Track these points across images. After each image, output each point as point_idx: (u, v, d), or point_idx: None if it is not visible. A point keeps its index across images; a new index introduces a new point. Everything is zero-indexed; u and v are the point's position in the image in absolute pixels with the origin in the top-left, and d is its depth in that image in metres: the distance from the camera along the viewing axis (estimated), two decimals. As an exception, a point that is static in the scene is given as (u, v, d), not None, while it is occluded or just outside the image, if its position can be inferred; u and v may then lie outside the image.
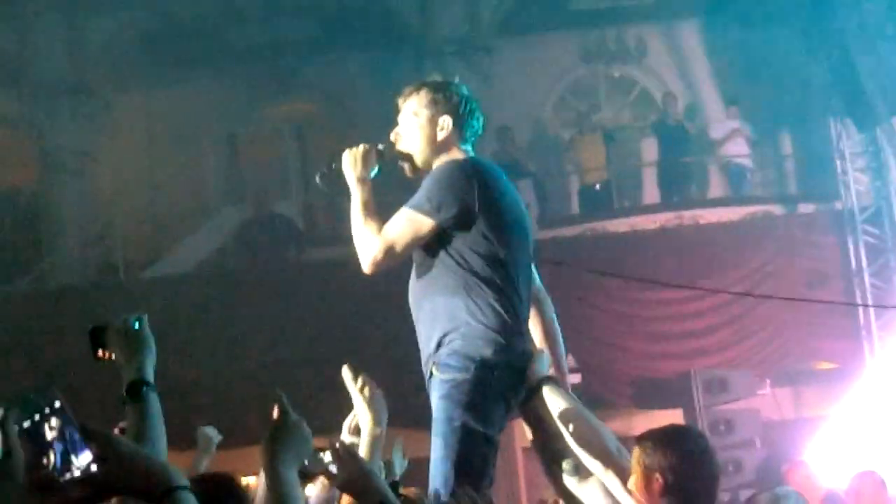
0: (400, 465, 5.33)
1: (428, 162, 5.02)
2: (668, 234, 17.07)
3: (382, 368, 13.83)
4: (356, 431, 4.65)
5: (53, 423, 2.39)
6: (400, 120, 5.13)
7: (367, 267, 4.84)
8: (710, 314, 15.90)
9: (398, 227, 4.81)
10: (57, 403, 2.41)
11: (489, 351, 4.67)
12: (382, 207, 4.93)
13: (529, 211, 18.32)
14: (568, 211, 19.30)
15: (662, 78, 21.13)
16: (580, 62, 21.49)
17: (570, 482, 4.51)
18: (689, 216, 17.60)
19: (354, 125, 20.73)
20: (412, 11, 19.88)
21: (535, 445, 4.80)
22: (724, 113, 19.62)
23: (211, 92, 20.21)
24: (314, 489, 4.59)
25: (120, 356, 3.54)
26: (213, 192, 20.02)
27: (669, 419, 15.53)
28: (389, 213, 4.89)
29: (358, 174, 4.96)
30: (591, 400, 4.84)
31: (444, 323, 4.75)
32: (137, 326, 3.58)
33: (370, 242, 4.82)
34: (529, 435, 4.82)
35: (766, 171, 20.66)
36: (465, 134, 5.07)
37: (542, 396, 4.65)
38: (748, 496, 6.36)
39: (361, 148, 5.02)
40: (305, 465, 3.94)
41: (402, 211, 4.83)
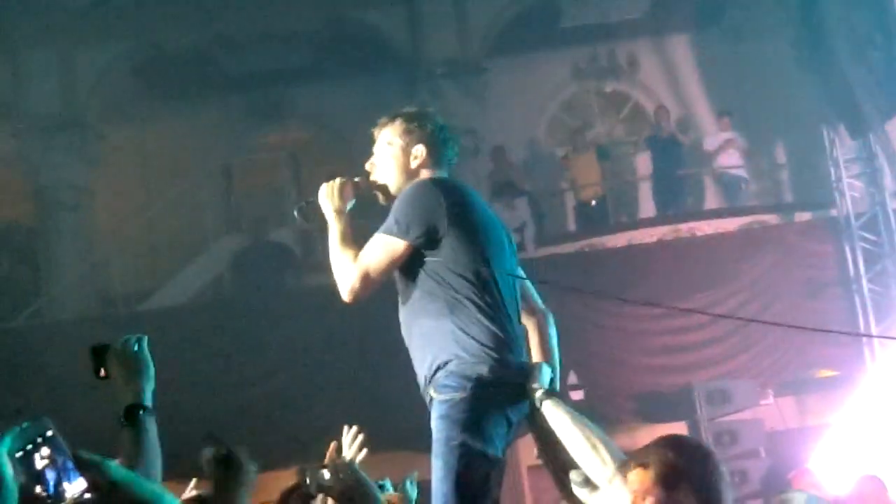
0: (411, 489, 5.39)
1: (401, 189, 5.03)
2: (665, 247, 17.09)
3: (381, 393, 13.90)
4: (356, 447, 4.69)
5: (45, 451, 2.39)
6: (375, 150, 5.17)
7: (345, 295, 4.85)
8: (710, 326, 15.89)
9: (372, 253, 4.84)
10: (49, 433, 2.42)
11: (484, 369, 4.66)
12: (361, 233, 4.96)
13: (526, 229, 18.33)
14: (564, 228, 19.33)
15: (654, 92, 21.19)
16: (572, 79, 21.57)
17: (580, 493, 4.50)
18: (685, 229, 17.63)
19: (349, 151, 20.81)
20: (403, 35, 19.95)
21: (543, 458, 4.77)
22: (716, 125, 19.65)
23: (205, 122, 20.26)
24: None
25: (119, 377, 3.54)
26: (209, 221, 20.01)
27: (673, 432, 15.53)
28: (367, 239, 4.93)
29: (335, 206, 5.01)
30: (593, 417, 4.83)
31: (435, 346, 4.74)
32: (137, 348, 3.59)
33: (347, 271, 4.85)
34: (537, 448, 4.80)
35: (760, 180, 20.70)
36: (439, 162, 5.10)
37: (543, 411, 4.64)
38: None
39: (338, 181, 5.06)
40: (307, 483, 3.98)
41: (374, 237, 4.86)
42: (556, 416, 4.59)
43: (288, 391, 15.07)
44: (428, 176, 5.03)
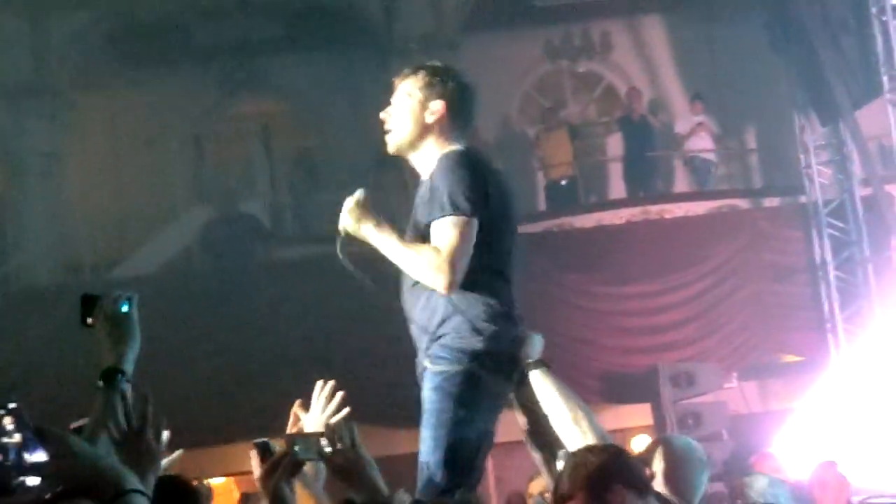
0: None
1: (412, 143, 4.94)
2: (634, 228, 17.14)
3: (350, 366, 13.90)
4: (335, 411, 4.55)
5: (7, 422, 2.39)
6: (393, 100, 5.03)
7: (444, 290, 4.65)
8: (676, 309, 15.97)
9: (449, 238, 4.66)
10: (12, 405, 2.41)
11: (481, 343, 4.64)
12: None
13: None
14: (535, 207, 19.33)
15: (627, 73, 21.20)
16: (545, 58, 21.56)
17: (560, 465, 4.51)
18: (654, 211, 17.67)
19: (320, 123, 20.76)
20: (377, 9, 19.90)
21: (525, 429, 4.79)
22: (688, 108, 19.69)
23: (176, 92, 20.15)
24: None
25: (104, 335, 3.54)
26: (179, 192, 19.95)
27: (637, 413, 15.64)
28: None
29: (371, 221, 4.77)
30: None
31: (436, 318, 4.71)
32: (126, 309, 3.58)
33: (433, 266, 4.65)
34: (520, 418, 4.81)
35: (730, 165, 20.77)
36: (455, 122, 4.97)
37: (531, 381, 4.66)
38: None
39: (352, 202, 4.82)
40: (297, 450, 3.95)
41: (441, 223, 4.67)
42: (542, 386, 4.61)
43: (255, 363, 15.05)
44: (443, 137, 4.92)
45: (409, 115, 4.94)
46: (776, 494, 5.42)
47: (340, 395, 4.59)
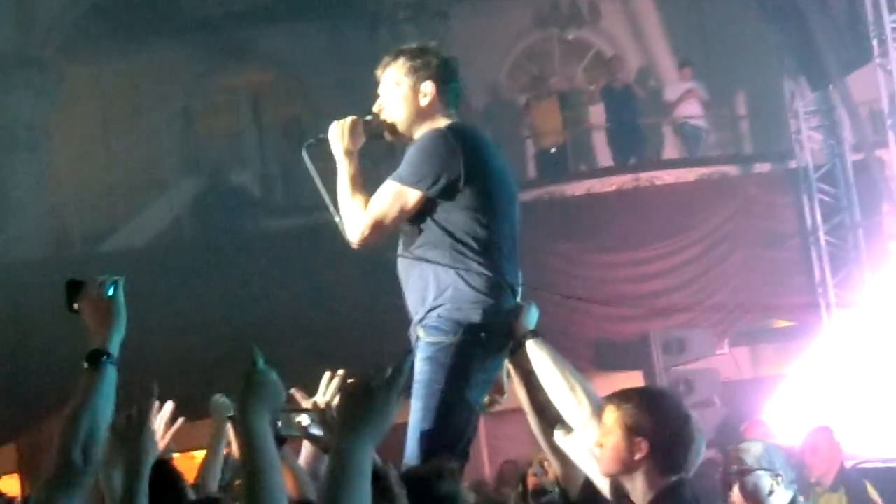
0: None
1: (414, 130, 4.94)
2: (624, 196, 17.12)
3: (341, 336, 13.91)
4: (334, 391, 4.51)
5: None
6: (381, 91, 5.03)
7: (354, 240, 4.78)
8: (667, 276, 15.97)
9: (385, 200, 4.76)
10: None
11: (477, 315, 4.66)
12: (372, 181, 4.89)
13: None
14: (524, 175, 19.28)
15: (616, 41, 21.14)
16: (534, 26, 21.49)
17: (556, 435, 4.51)
18: (645, 178, 17.64)
19: (310, 94, 20.69)
20: (365, -23, 19.81)
21: (521, 399, 4.77)
22: (677, 74, 19.64)
23: (165, 63, 20.07)
24: (303, 454, 4.51)
25: (90, 318, 3.53)
26: (168, 163, 19.90)
27: (629, 381, 15.61)
28: (378, 186, 4.85)
29: (346, 146, 4.87)
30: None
31: (431, 289, 4.73)
32: (112, 292, 3.57)
33: (358, 217, 4.78)
34: (516, 387, 4.80)
35: (720, 131, 20.73)
36: (448, 98, 4.98)
37: (526, 351, 4.65)
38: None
39: (349, 120, 4.92)
40: (279, 426, 3.90)
41: (387, 184, 4.77)
42: (538, 356, 4.60)
43: (245, 335, 15.03)
44: (441, 116, 4.93)
45: (403, 103, 4.96)
46: (772, 460, 5.43)
47: (340, 373, 4.52)
